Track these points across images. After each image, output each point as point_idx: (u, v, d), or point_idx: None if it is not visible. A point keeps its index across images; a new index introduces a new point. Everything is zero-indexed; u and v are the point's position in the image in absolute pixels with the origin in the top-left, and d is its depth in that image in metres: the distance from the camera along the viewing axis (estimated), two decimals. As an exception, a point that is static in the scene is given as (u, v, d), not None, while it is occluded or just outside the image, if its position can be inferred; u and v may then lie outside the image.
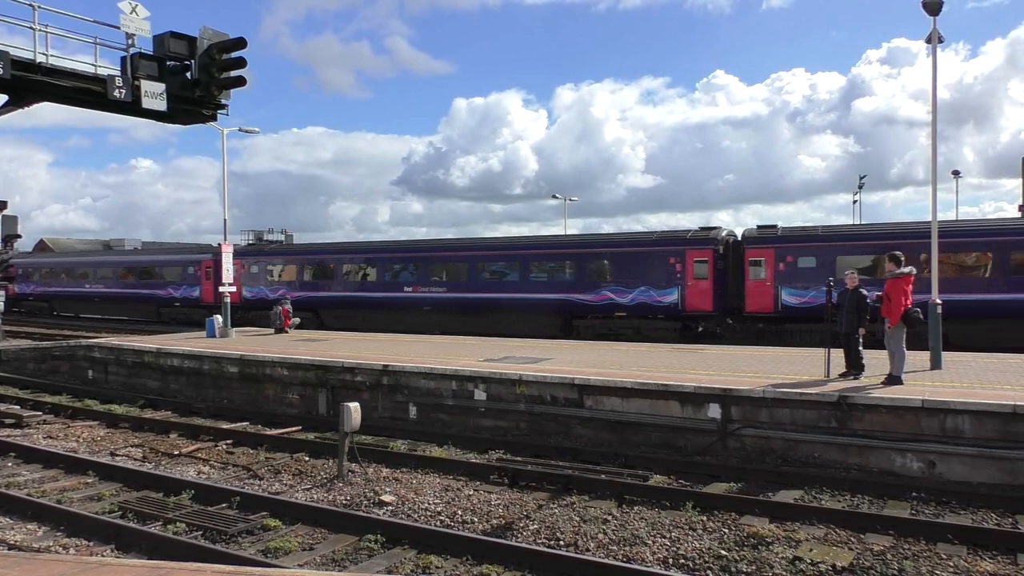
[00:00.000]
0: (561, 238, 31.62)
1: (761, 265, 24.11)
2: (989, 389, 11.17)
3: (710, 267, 24.55)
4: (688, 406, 11.91)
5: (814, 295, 22.24)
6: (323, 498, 9.69)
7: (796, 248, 23.92)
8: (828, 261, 22.81)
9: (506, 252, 29.40)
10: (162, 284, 38.35)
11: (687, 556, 7.48)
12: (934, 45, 14.39)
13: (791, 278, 23.55)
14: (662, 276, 25.14)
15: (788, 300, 23.51)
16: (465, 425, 13.86)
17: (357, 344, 19.86)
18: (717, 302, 24.54)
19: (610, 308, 26.07)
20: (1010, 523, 8.45)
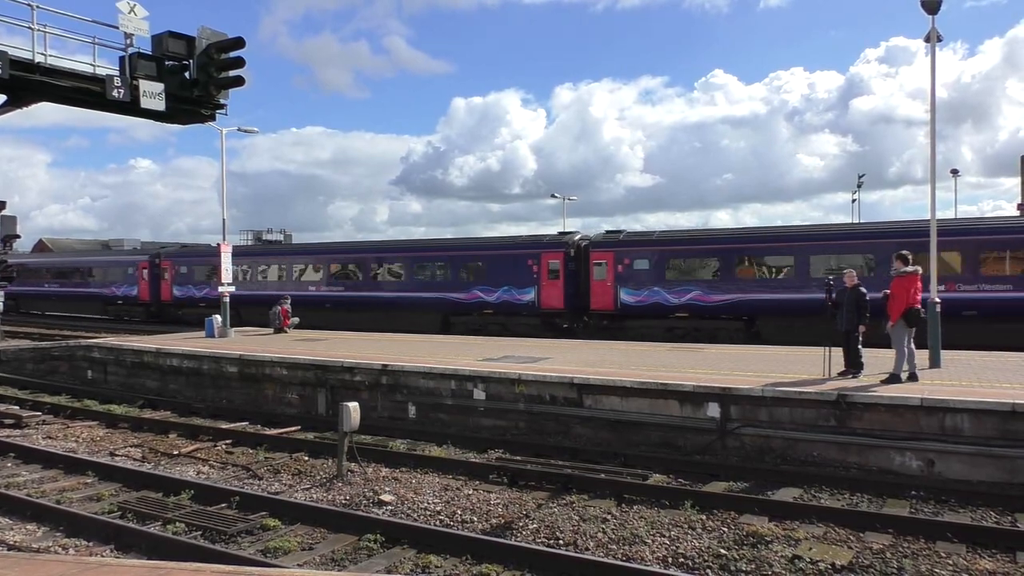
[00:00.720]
0: (439, 241, 34.34)
1: (603, 267, 26.46)
2: (988, 387, 11.17)
3: (561, 269, 26.94)
4: (687, 405, 11.92)
5: (647, 294, 25.43)
6: (322, 498, 9.69)
7: (632, 252, 26.26)
8: (659, 264, 25.60)
9: (393, 254, 32.63)
10: (108, 284, 41.93)
11: (686, 555, 7.48)
12: (932, 44, 14.39)
13: (628, 279, 25.97)
14: (522, 277, 27.53)
15: (625, 299, 25.94)
16: (464, 424, 13.86)
17: (357, 344, 19.86)
18: (568, 301, 26.79)
19: (479, 306, 28.41)
20: (1009, 521, 8.46)
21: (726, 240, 25.51)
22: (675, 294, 25.12)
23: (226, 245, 24.23)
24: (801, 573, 6.98)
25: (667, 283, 25.34)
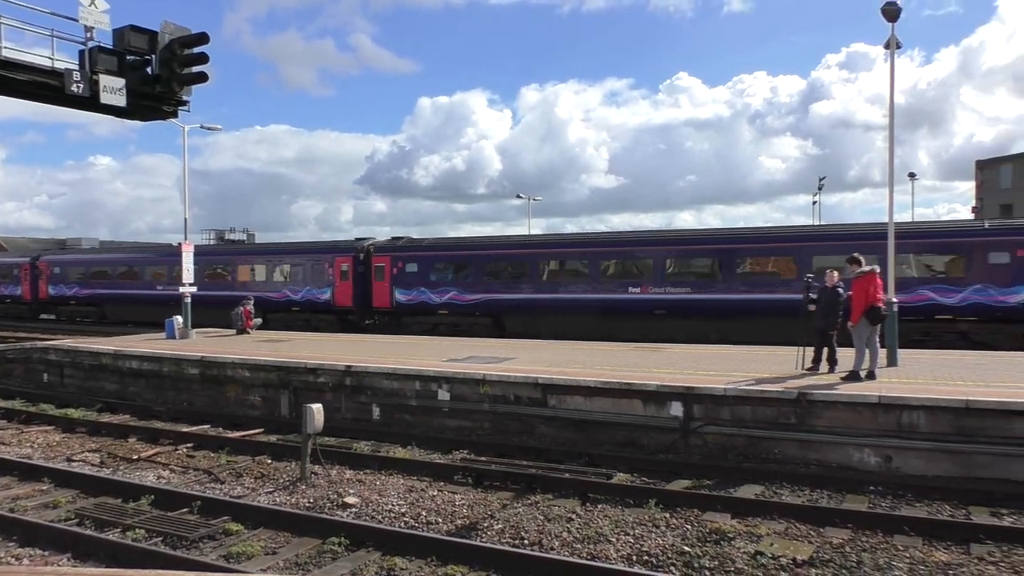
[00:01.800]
0: (258, 246, 39.81)
1: (383, 270, 30.12)
2: (943, 384, 11.43)
3: (351, 271, 30.56)
4: (651, 404, 12.01)
5: (416, 294, 29.25)
6: (286, 501, 9.59)
7: (405, 256, 29.99)
8: (425, 267, 29.34)
9: (219, 257, 36.50)
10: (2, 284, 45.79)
11: (651, 553, 7.54)
12: (892, 50, 14.70)
13: (401, 281, 29.64)
14: (321, 278, 31.30)
15: (399, 298, 29.69)
16: (429, 425, 13.82)
17: (320, 345, 19.69)
18: (357, 300, 30.38)
19: (288, 304, 31.98)
20: (963, 514, 8.67)
21: (476, 247, 29.57)
22: (437, 294, 28.92)
23: (188, 244, 23.88)
24: (763, 568, 7.07)
25: (431, 284, 29.13)
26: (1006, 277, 20.64)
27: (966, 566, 7.02)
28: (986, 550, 7.41)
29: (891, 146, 15.03)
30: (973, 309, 21.00)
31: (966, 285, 21.16)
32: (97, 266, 40.58)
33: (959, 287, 21.26)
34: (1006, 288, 20.60)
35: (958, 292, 21.18)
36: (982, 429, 9.99)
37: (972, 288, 21.04)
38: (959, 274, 21.44)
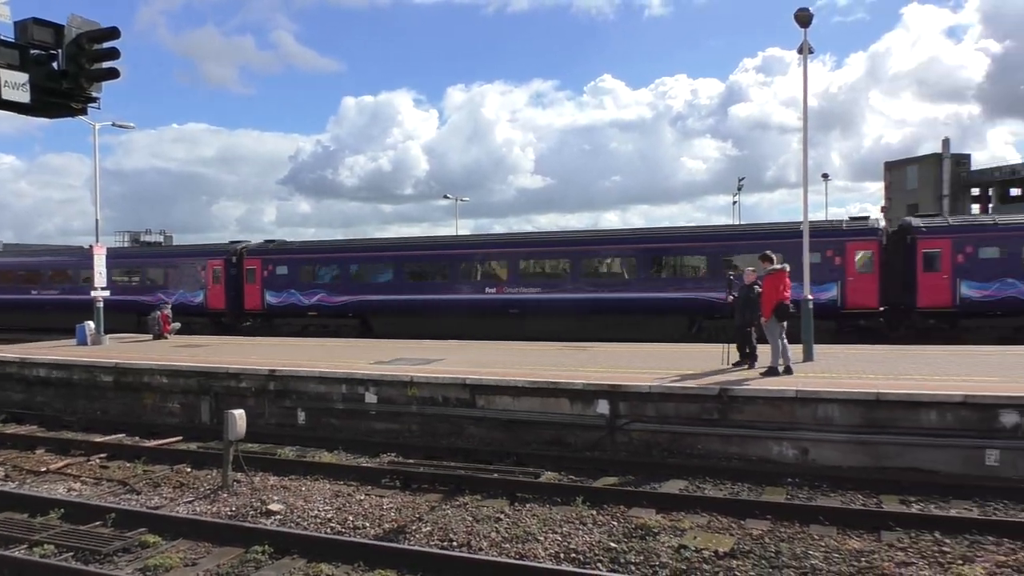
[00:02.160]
0: (132, 249, 40.39)
1: (254, 272, 30.93)
2: (855, 378, 11.90)
3: (223, 274, 31.15)
4: (578, 403, 12.13)
5: (286, 296, 30.10)
6: (207, 510, 9.31)
7: (275, 259, 30.82)
8: (294, 270, 30.26)
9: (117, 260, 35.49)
10: None
11: (578, 550, 7.61)
12: (805, 55, 15.23)
13: (272, 283, 30.50)
14: (193, 281, 31.77)
15: (270, 300, 30.52)
16: (356, 429, 13.63)
17: (242, 349, 19.21)
18: (229, 302, 30.96)
19: None
20: (875, 503, 9.03)
21: (343, 250, 30.70)
22: (306, 296, 29.73)
23: (100, 247, 22.97)
24: (687, 562, 7.22)
25: (300, 286, 29.97)
26: (816, 276, 22.02)
27: (877, 552, 7.31)
28: (896, 537, 7.73)
29: (805, 148, 15.58)
30: None
31: None
32: None
33: None
34: (816, 286, 21.87)
35: None
36: (892, 420, 10.44)
37: None
38: None
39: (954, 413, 10.18)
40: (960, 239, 22.28)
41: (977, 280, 21.73)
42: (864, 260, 22.87)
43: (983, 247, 22.03)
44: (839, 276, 22.88)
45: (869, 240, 23.17)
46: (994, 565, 6.90)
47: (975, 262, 21.88)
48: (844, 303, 22.87)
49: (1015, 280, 21.49)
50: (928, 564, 7.00)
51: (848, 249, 23.13)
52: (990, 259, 21.88)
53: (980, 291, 21.71)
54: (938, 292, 22.01)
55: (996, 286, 21.70)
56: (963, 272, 21.91)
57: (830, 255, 22.90)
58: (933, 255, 22.34)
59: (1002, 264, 21.76)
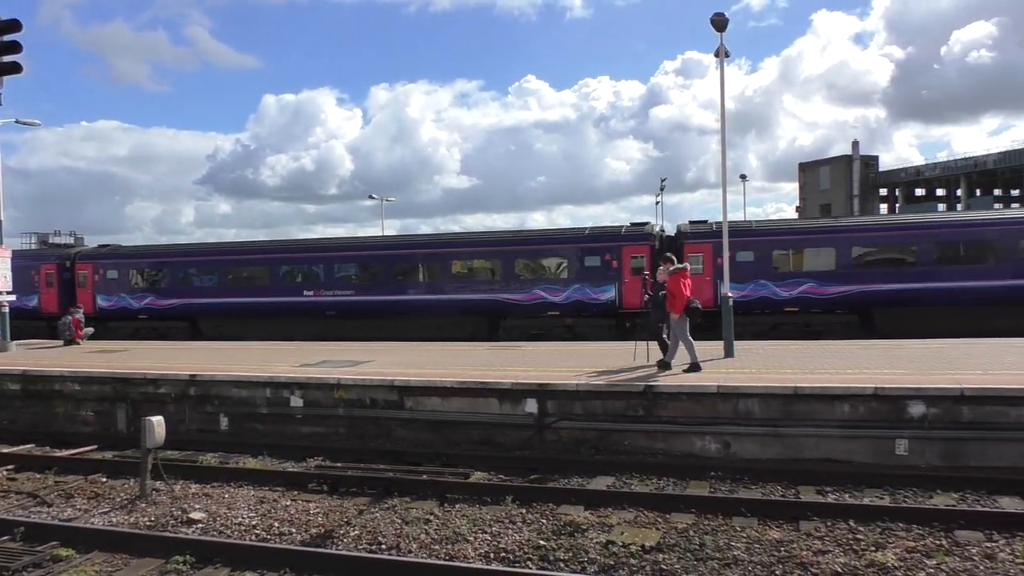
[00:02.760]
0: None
1: (85, 276, 31.47)
2: (774, 373, 12.29)
3: (56, 278, 31.55)
4: (506, 403, 12.17)
5: (117, 299, 30.66)
6: (124, 521, 8.98)
7: (106, 263, 31.56)
8: (124, 274, 31.01)
9: None
10: None
11: (508, 549, 7.63)
12: (721, 59, 15.67)
13: (103, 287, 31.15)
14: (28, 284, 30.96)
15: (102, 304, 30.97)
16: (282, 433, 13.36)
17: (161, 354, 18.60)
18: (62, 306, 29.81)
19: None
20: (793, 494, 9.35)
21: (171, 255, 31.56)
22: (136, 299, 30.44)
23: (4, 249, 21.89)
24: (614, 557, 7.32)
25: (130, 290, 30.65)
26: (597, 278, 24.58)
27: (796, 542, 7.56)
28: (813, 526, 8.01)
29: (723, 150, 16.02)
30: (574, 305, 24.87)
31: (569, 284, 24.85)
32: None
33: (563, 287, 24.74)
34: (596, 287, 24.57)
35: (563, 291, 25.01)
36: (808, 414, 10.83)
37: (573, 287, 24.75)
38: (565, 275, 25.13)
39: (866, 405, 10.63)
40: (718, 245, 22.90)
41: (735, 281, 22.68)
42: (638, 264, 24.31)
43: (740, 251, 23.50)
44: (617, 278, 24.76)
45: (643, 245, 24.93)
46: (904, 551, 7.22)
47: (731, 266, 23.10)
48: (621, 303, 24.64)
49: (767, 281, 23.54)
50: (843, 551, 7.28)
51: (624, 253, 24.86)
52: (746, 262, 23.66)
53: (738, 291, 22.67)
54: (702, 293, 23.05)
55: (751, 287, 23.53)
56: (720, 274, 22.85)
57: (608, 259, 24.86)
58: (696, 258, 23.84)
59: (756, 267, 23.75)
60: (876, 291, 22.94)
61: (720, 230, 23.73)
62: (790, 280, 23.61)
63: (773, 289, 23.61)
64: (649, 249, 24.55)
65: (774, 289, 23.59)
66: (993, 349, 14.74)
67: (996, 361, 12.93)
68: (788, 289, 23.52)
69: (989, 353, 14.11)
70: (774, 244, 24.28)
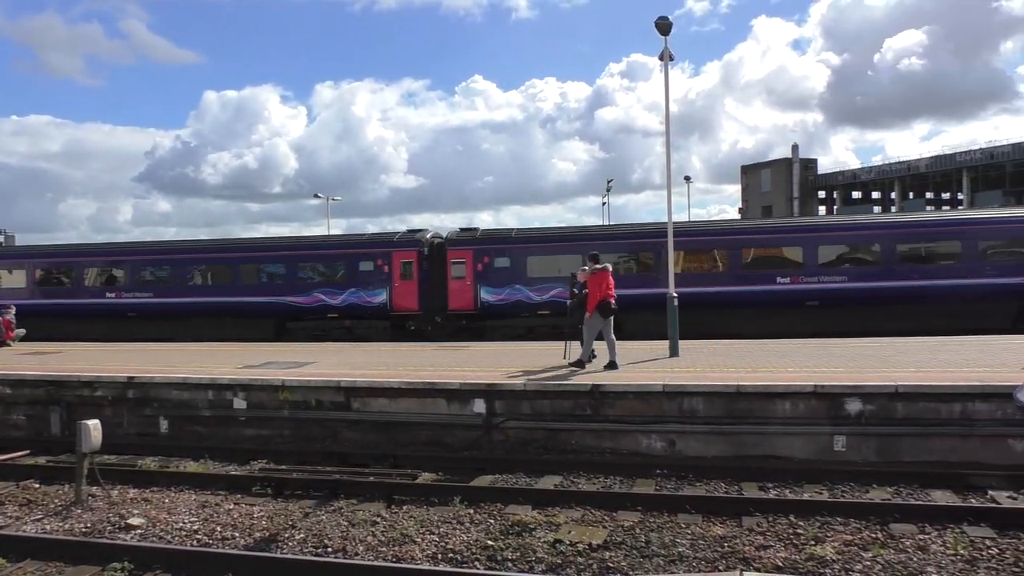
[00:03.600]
0: None
1: None
2: (717, 372, 12.51)
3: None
4: (455, 403, 12.14)
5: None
6: (58, 528, 8.70)
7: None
8: (31, 273, 30.33)
9: None
10: None
11: (456, 550, 7.62)
12: (666, 61, 15.89)
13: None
14: None
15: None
16: (224, 436, 13.10)
17: (97, 355, 18.06)
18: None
19: None
20: (736, 491, 9.52)
21: (81, 254, 30.77)
22: None
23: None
24: (562, 556, 7.36)
25: None
26: (370, 282, 25.88)
27: (739, 537, 7.71)
28: (755, 521, 8.18)
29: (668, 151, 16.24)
30: (350, 308, 26.09)
31: (346, 289, 26.17)
32: None
33: (341, 291, 26.25)
34: (369, 291, 25.87)
35: (340, 295, 26.23)
36: (750, 411, 11.05)
37: (349, 291, 26.14)
38: (342, 280, 26.47)
39: (805, 402, 10.89)
40: (479, 251, 25.61)
41: (493, 286, 25.12)
42: (406, 269, 25.85)
43: (497, 257, 25.41)
44: (388, 282, 25.98)
45: (411, 251, 26.15)
46: (842, 544, 7.42)
47: (491, 271, 25.31)
48: (392, 306, 25.87)
49: (521, 286, 25.05)
50: (784, 546, 7.45)
51: (394, 259, 26.13)
52: (503, 268, 25.27)
53: (495, 296, 25.08)
54: (463, 296, 25.39)
55: (507, 291, 25.11)
56: (481, 279, 25.28)
57: (380, 264, 26.16)
58: (459, 264, 25.59)
59: (511, 272, 25.20)
60: (621, 295, 24.01)
61: (484, 237, 26.77)
62: (543, 285, 24.90)
63: (527, 294, 25.06)
64: (417, 254, 26.03)
65: (528, 294, 25.04)
66: (928, 347, 15.24)
67: (931, 359, 13.38)
68: (541, 294, 24.91)
69: (924, 351, 14.60)
70: (530, 251, 25.69)
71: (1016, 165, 70.26)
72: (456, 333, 24.96)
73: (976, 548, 7.24)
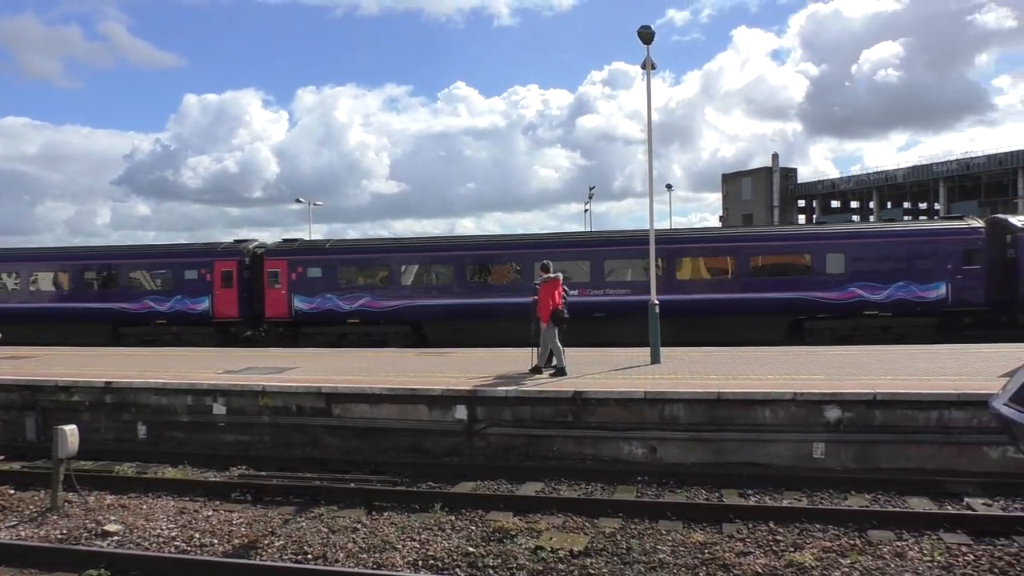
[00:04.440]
0: None
1: None
2: (698, 379, 12.57)
3: None
4: (436, 409, 12.12)
5: None
6: (33, 534, 8.58)
7: None
8: None
9: None
10: None
11: (436, 556, 7.59)
12: (648, 70, 15.98)
13: None
14: None
15: None
16: (203, 442, 12.98)
17: (74, 360, 17.86)
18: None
19: None
20: (716, 497, 9.57)
21: None
22: None
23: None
24: (543, 563, 7.36)
25: None
26: (195, 290, 26.95)
27: (719, 544, 7.75)
28: (735, 528, 8.23)
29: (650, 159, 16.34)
30: (176, 315, 27.18)
31: (172, 296, 27.35)
32: None
33: (167, 298, 27.42)
34: (193, 298, 26.97)
35: (167, 301, 27.36)
36: (731, 418, 11.11)
37: (175, 299, 27.30)
38: (169, 287, 27.61)
39: (785, 410, 10.97)
40: (293, 261, 26.69)
41: (306, 295, 26.25)
42: (227, 278, 26.89)
43: (311, 268, 26.52)
44: (210, 291, 27.09)
45: (231, 260, 27.21)
46: (821, 551, 7.48)
47: (304, 280, 26.41)
48: (214, 313, 26.95)
49: (332, 295, 26.11)
50: (764, 552, 7.49)
51: (216, 268, 27.15)
52: (316, 278, 26.44)
53: (308, 304, 26.23)
54: (279, 304, 26.47)
55: (319, 300, 26.21)
56: (295, 288, 26.35)
57: (203, 273, 27.25)
58: (274, 273, 26.65)
59: (323, 282, 26.33)
60: (423, 306, 25.68)
61: (298, 248, 27.86)
62: (351, 295, 26.09)
63: (337, 303, 26.12)
64: (237, 264, 27.13)
65: (338, 303, 26.10)
66: (905, 354, 15.40)
67: (907, 367, 13.52)
68: (349, 303, 26.02)
69: (900, 358, 14.74)
70: (341, 261, 26.84)
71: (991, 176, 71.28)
72: (280, 339, 26.23)
73: (952, 554, 7.33)
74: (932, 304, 22.61)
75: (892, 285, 22.67)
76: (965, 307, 22.53)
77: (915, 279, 22.66)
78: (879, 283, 22.16)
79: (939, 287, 22.49)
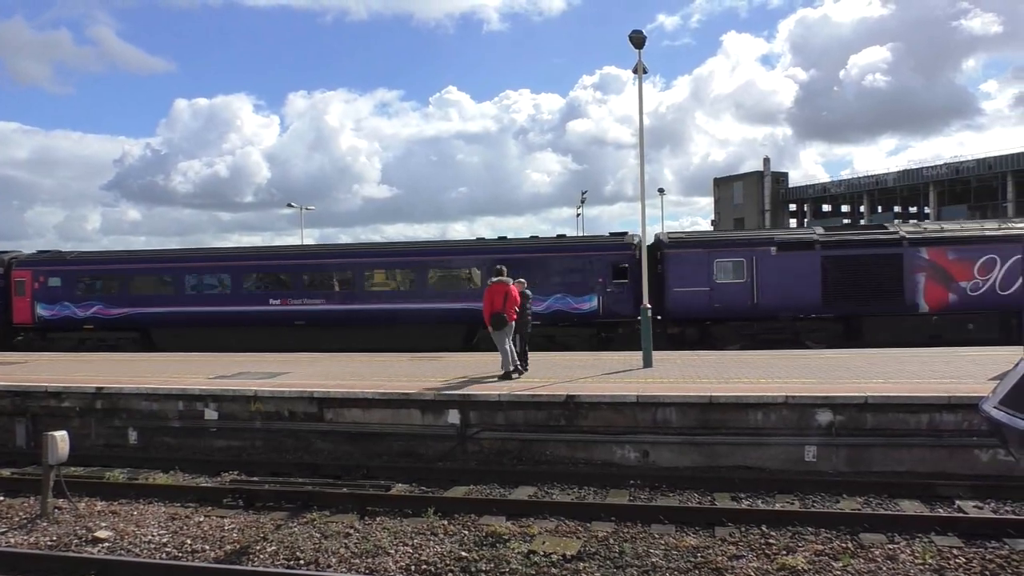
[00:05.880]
0: None
1: None
2: (691, 383, 12.60)
3: None
4: (429, 414, 12.11)
5: None
6: (23, 541, 8.52)
7: None
8: None
9: None
10: None
11: (429, 561, 7.58)
12: (640, 75, 16.05)
13: None
14: None
15: None
16: (195, 447, 12.94)
17: (67, 365, 17.77)
18: None
19: None
20: (709, 501, 9.58)
21: None
22: None
23: None
24: (536, 567, 7.36)
25: None
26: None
27: (712, 547, 7.76)
28: (728, 532, 8.24)
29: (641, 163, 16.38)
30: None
31: None
32: None
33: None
34: None
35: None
36: (723, 422, 11.14)
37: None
38: None
39: (777, 413, 11.01)
40: (36, 271, 27.55)
41: (47, 303, 27.21)
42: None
43: (51, 277, 27.42)
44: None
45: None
46: (813, 554, 7.50)
47: (45, 289, 27.32)
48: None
49: (70, 303, 27.12)
50: (756, 556, 7.51)
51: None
52: (55, 287, 27.28)
53: (49, 311, 27.21)
54: (24, 312, 27.39)
55: (58, 308, 27.14)
56: (38, 296, 27.32)
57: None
58: (21, 283, 27.31)
59: (62, 291, 27.22)
60: (149, 313, 26.63)
61: (41, 259, 28.44)
62: (86, 303, 27.09)
63: (74, 310, 27.19)
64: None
65: (75, 310, 27.18)
66: (895, 358, 15.47)
67: (899, 370, 13.59)
68: (84, 310, 27.06)
69: (891, 362, 14.81)
70: (78, 272, 27.63)
71: (980, 180, 71.71)
72: (27, 344, 27.23)
73: (944, 557, 7.36)
74: (587, 315, 23.65)
75: (551, 297, 23.59)
76: (615, 318, 23.38)
77: (571, 292, 23.73)
78: (540, 295, 22.29)
79: (591, 300, 23.55)
